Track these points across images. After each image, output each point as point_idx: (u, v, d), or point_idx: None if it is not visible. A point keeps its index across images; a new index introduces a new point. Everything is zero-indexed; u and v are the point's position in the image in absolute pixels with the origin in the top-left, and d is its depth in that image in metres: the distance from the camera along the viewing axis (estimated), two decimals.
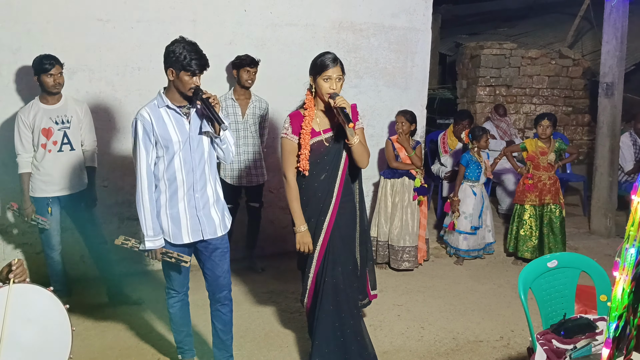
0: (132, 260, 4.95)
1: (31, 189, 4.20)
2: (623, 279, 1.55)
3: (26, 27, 4.56)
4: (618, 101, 6.37)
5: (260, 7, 5.30)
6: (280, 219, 5.65)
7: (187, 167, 3.12)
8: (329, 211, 3.36)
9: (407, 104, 5.81)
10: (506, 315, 4.49)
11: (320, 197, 3.37)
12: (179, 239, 3.19)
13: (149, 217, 3.09)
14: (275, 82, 5.40)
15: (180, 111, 3.10)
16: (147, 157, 3.07)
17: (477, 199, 5.67)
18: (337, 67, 3.24)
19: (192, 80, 3.01)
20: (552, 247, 5.54)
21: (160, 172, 3.11)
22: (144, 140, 3.05)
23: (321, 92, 3.27)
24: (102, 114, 4.84)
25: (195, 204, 3.17)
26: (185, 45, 2.99)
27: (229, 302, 3.39)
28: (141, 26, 4.88)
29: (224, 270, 3.32)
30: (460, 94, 8.76)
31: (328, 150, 3.35)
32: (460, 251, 5.70)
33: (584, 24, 9.15)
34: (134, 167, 3.13)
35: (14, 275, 2.26)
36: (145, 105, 3.11)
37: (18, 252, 4.85)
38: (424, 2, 5.97)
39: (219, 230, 3.28)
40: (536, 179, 5.57)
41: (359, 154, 3.34)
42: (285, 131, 3.37)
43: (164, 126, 3.06)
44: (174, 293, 3.39)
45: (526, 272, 2.93)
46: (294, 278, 5.10)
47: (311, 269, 3.44)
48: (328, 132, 3.36)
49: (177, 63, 2.97)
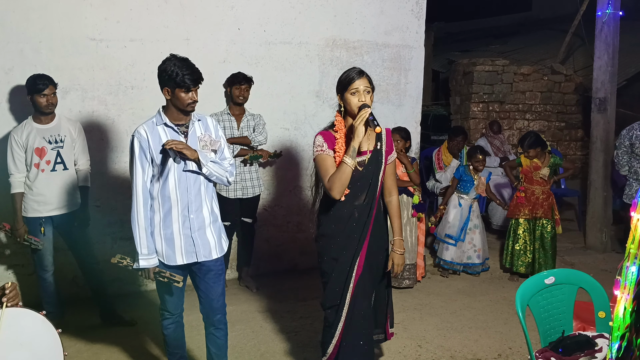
0: (125, 281, 4.91)
1: (24, 209, 4.16)
2: (624, 298, 1.53)
3: (19, 46, 4.55)
4: (611, 116, 6.40)
5: (253, 26, 5.31)
6: (275, 237, 5.63)
7: (182, 186, 3.08)
8: (362, 243, 3.12)
9: (401, 121, 5.83)
10: (503, 332, 4.46)
11: (355, 227, 3.12)
12: (173, 260, 3.13)
13: (143, 235, 3.05)
14: (270, 99, 5.41)
15: (177, 129, 3.08)
16: (142, 175, 3.04)
17: (461, 210, 5.73)
18: (364, 79, 3.04)
19: (189, 95, 2.99)
20: (542, 262, 5.56)
21: (155, 190, 3.08)
22: (139, 157, 3.02)
23: (351, 108, 3.05)
24: (95, 133, 4.82)
25: (190, 224, 3.12)
26: (176, 62, 2.98)
27: (223, 326, 3.34)
28: (134, 45, 4.88)
29: (217, 293, 3.27)
30: (454, 110, 8.80)
31: (360, 175, 3.11)
32: (441, 261, 5.78)
33: (575, 40, 9.23)
34: (130, 184, 3.09)
35: (7, 298, 2.22)
36: (143, 123, 3.09)
37: (10, 273, 4.79)
38: (416, 19, 6.01)
39: (214, 253, 3.21)
40: (529, 192, 5.60)
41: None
42: (321, 148, 3.11)
43: (160, 144, 3.02)
44: (168, 315, 3.32)
45: (524, 289, 2.91)
46: (290, 297, 5.08)
47: (343, 310, 3.14)
48: (362, 156, 3.11)
49: (171, 81, 2.97)
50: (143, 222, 3.05)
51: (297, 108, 5.60)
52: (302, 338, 4.28)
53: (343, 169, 3.00)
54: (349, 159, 2.99)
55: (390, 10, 5.85)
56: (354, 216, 3.13)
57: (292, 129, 5.59)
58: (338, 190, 3.02)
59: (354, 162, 3.00)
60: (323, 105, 5.65)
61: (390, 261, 3.24)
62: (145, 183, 3.06)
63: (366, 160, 3.13)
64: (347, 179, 3.01)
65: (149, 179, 3.07)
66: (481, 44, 11.66)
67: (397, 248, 3.23)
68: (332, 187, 3.02)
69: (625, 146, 5.73)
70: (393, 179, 3.29)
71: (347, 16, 5.67)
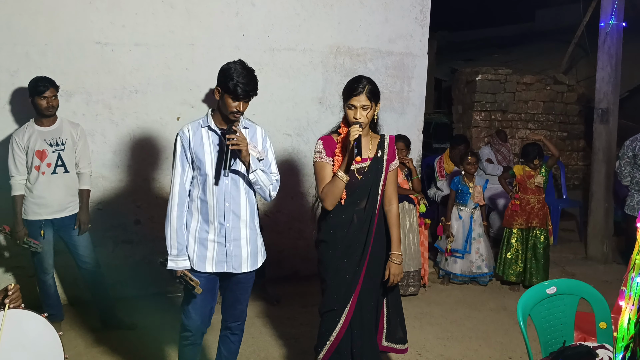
0: (125, 284, 4.90)
1: (24, 212, 4.16)
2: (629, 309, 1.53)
3: (24, 49, 4.56)
4: (613, 127, 6.41)
5: (258, 32, 5.33)
6: (276, 243, 5.61)
7: (219, 193, 2.99)
8: (364, 253, 3.12)
9: (403, 129, 5.84)
10: (504, 342, 4.45)
11: (355, 235, 3.12)
12: (202, 267, 3.03)
13: (174, 235, 2.97)
14: (273, 106, 5.41)
15: (220, 134, 2.99)
16: (182, 174, 2.98)
17: (462, 223, 5.73)
18: (363, 96, 2.99)
19: (235, 104, 2.90)
20: (534, 272, 5.58)
21: (195, 193, 3.01)
22: (180, 157, 2.98)
23: (348, 119, 3.07)
24: (98, 136, 4.83)
25: (225, 233, 3.02)
26: (239, 68, 2.89)
27: (239, 332, 3.28)
28: (139, 50, 4.89)
29: (242, 304, 3.21)
30: (456, 118, 8.81)
31: (360, 182, 3.12)
32: (451, 274, 5.76)
33: (578, 50, 9.25)
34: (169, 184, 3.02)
35: (10, 300, 2.23)
36: (190, 122, 3.05)
37: (10, 275, 4.79)
38: (420, 28, 6.03)
39: (245, 266, 3.10)
40: (524, 202, 5.63)
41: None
42: (319, 155, 3.14)
43: (200, 146, 2.97)
44: (189, 334, 3.16)
45: (525, 299, 2.91)
46: (290, 304, 5.07)
47: (341, 317, 3.14)
48: (361, 163, 3.12)
49: (224, 84, 2.89)
50: (175, 223, 2.98)
51: (300, 115, 5.61)
52: (303, 345, 4.27)
53: (336, 183, 3.05)
54: (342, 173, 3.03)
55: (394, 19, 5.87)
56: (354, 222, 3.12)
57: (295, 135, 5.60)
58: (329, 202, 3.09)
59: (347, 177, 3.04)
60: (326, 112, 5.66)
61: (387, 271, 3.21)
62: (184, 184, 2.99)
63: (366, 167, 3.13)
64: (339, 192, 3.07)
65: (188, 179, 3.00)
66: (484, 54, 11.68)
67: (395, 258, 3.20)
68: (325, 198, 3.10)
69: (628, 157, 5.74)
70: (394, 187, 3.27)
71: (352, 24, 5.69)
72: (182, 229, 3.00)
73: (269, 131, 5.18)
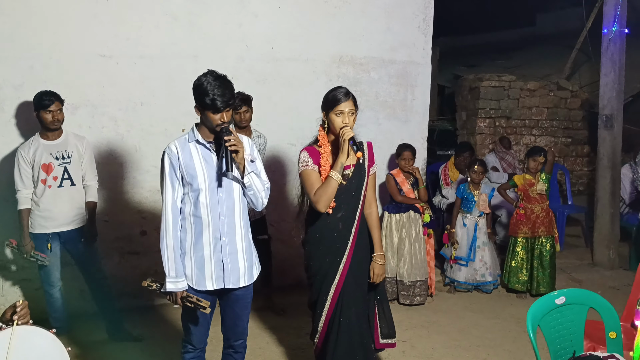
0: (132, 296, 4.89)
1: (30, 225, 4.17)
2: None
3: (29, 62, 4.59)
4: (618, 133, 6.40)
5: (261, 43, 5.35)
6: (280, 252, 5.60)
7: (214, 206, 2.94)
8: (345, 252, 3.28)
9: (407, 137, 5.84)
10: (512, 350, 4.42)
11: (337, 237, 3.28)
12: (202, 285, 2.99)
13: (171, 256, 2.92)
14: (276, 116, 5.43)
15: (209, 147, 2.95)
16: (172, 193, 2.92)
17: (467, 230, 5.72)
18: (350, 101, 3.20)
19: (218, 117, 2.85)
20: (540, 281, 5.56)
21: (187, 210, 2.96)
22: (170, 175, 2.91)
23: (334, 127, 3.21)
24: (104, 149, 4.84)
25: (221, 248, 2.97)
26: (211, 80, 2.83)
27: (242, 350, 3.25)
28: (144, 62, 4.91)
29: (243, 321, 3.18)
30: (460, 125, 8.80)
31: (344, 188, 3.24)
32: (455, 282, 5.76)
33: (581, 55, 9.24)
34: (161, 201, 2.97)
35: (18, 316, 2.24)
36: (176, 138, 3.00)
37: (17, 288, 4.80)
38: (423, 36, 6.04)
39: (242, 280, 3.06)
40: (529, 211, 5.61)
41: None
42: (306, 163, 3.26)
43: (190, 161, 2.92)
44: (191, 348, 3.14)
45: (535, 309, 2.89)
46: (296, 313, 5.05)
47: (324, 309, 3.34)
48: (346, 170, 3.26)
49: (201, 101, 2.85)
50: (172, 243, 2.92)
51: (303, 124, 5.59)
52: (309, 355, 4.24)
53: (330, 183, 3.18)
54: (336, 173, 3.17)
55: (396, 27, 5.88)
56: (338, 227, 3.30)
57: (299, 145, 5.58)
58: (324, 203, 3.20)
59: (341, 178, 3.18)
60: None
61: (371, 271, 3.39)
62: (175, 202, 2.93)
63: (350, 174, 3.29)
64: (333, 193, 3.20)
65: (179, 197, 2.95)
66: (485, 59, 11.68)
67: (378, 259, 3.38)
68: (319, 201, 3.20)
69: None
70: (373, 191, 3.46)
71: (354, 33, 5.71)
72: (178, 249, 2.95)
73: (273, 141, 5.23)
